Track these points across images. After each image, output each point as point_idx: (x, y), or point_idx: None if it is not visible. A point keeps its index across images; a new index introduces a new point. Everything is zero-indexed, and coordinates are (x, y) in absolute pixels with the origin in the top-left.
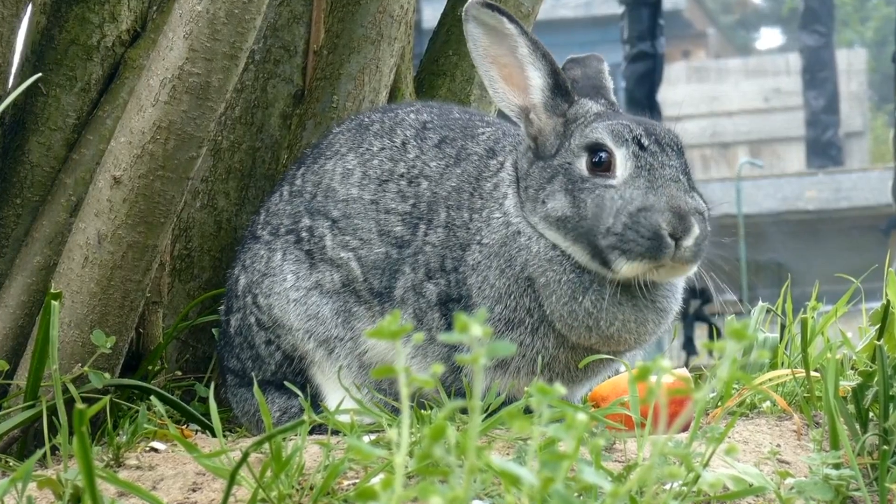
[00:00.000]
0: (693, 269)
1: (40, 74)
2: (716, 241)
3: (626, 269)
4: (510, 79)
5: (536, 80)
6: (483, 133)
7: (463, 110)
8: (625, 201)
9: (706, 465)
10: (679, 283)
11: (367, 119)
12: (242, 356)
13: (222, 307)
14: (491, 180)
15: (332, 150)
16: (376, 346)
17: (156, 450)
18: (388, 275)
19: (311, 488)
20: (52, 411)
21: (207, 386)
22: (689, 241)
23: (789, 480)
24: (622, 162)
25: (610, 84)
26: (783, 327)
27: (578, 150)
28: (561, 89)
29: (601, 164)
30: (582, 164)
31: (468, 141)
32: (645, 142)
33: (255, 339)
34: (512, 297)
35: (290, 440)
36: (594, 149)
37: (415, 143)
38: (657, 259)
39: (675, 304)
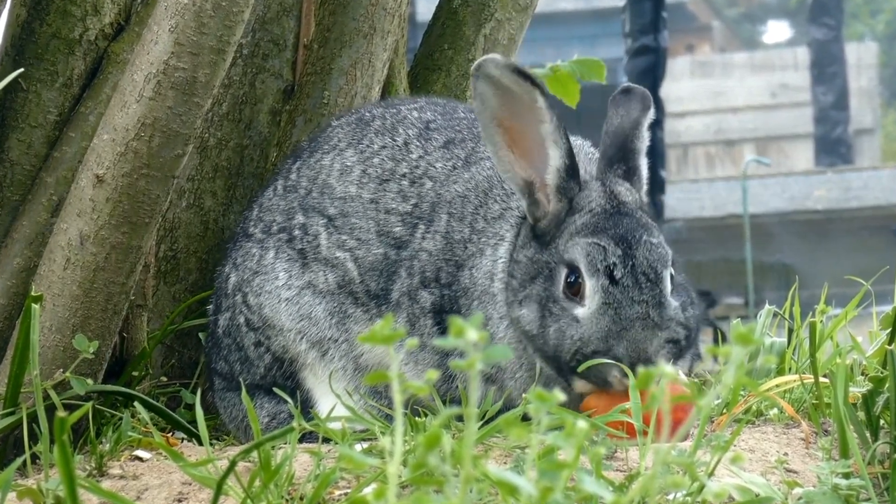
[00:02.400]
0: None
1: (22, 70)
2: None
3: (579, 387)
4: (518, 148)
5: (556, 160)
6: None
7: (469, 109)
8: (583, 343)
9: (711, 474)
10: None
11: (368, 114)
12: (231, 358)
13: (211, 306)
14: (500, 203)
15: (329, 144)
16: (373, 348)
17: (140, 458)
18: (386, 276)
19: (302, 498)
20: (33, 418)
21: (194, 392)
22: None
23: (797, 490)
24: (591, 293)
25: (643, 145)
26: (791, 331)
27: (559, 260)
28: (574, 171)
29: (573, 286)
30: (561, 278)
31: (479, 143)
32: (618, 274)
33: (244, 340)
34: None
35: (280, 448)
36: (570, 268)
37: (418, 144)
38: (606, 390)
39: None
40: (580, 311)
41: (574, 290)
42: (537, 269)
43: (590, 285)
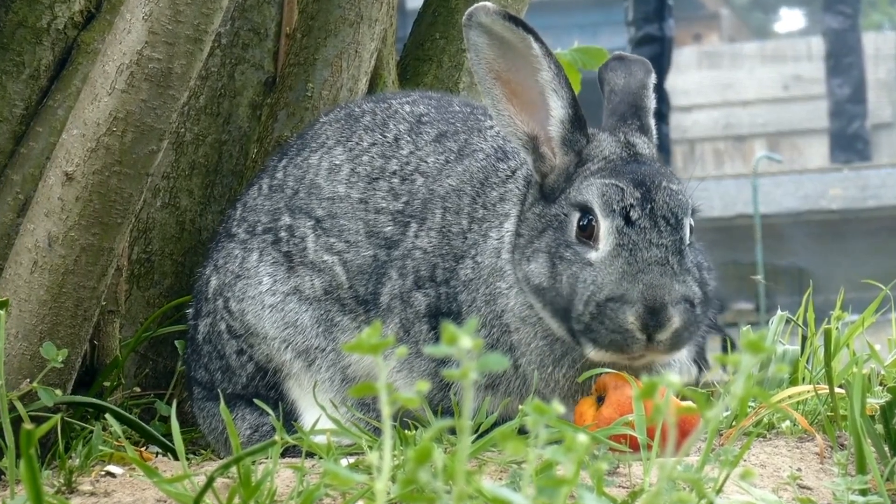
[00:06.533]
0: (677, 356)
1: None
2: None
3: (594, 355)
4: (518, 101)
5: (557, 110)
6: (492, 127)
7: (464, 103)
8: (596, 287)
9: (719, 491)
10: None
11: (357, 109)
12: (211, 366)
13: (190, 310)
14: (498, 189)
15: (317, 141)
16: (362, 358)
17: (112, 474)
18: (375, 279)
19: None
20: None
21: (169, 403)
22: (663, 336)
23: None
24: (605, 234)
25: (651, 104)
26: (804, 339)
27: (571, 206)
28: (580, 122)
29: (586, 229)
30: (573, 224)
31: (473, 135)
32: (634, 215)
33: (225, 347)
34: (493, 331)
35: (261, 463)
36: (583, 210)
37: (409, 139)
38: (625, 352)
39: (672, 370)
40: (593, 255)
41: (587, 234)
42: (546, 222)
43: (604, 226)
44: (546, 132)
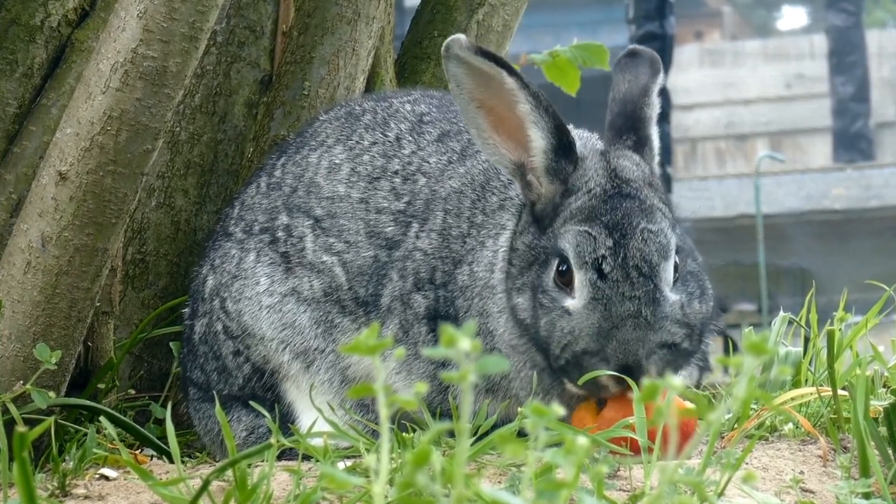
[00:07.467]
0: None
1: None
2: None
3: (571, 388)
4: (503, 129)
5: (538, 140)
6: None
7: None
8: (573, 338)
9: (721, 494)
10: None
11: (358, 108)
12: (207, 367)
13: (186, 310)
14: (498, 194)
15: (317, 139)
16: (361, 360)
17: (106, 477)
18: (376, 280)
19: None
20: None
21: (164, 405)
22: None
23: None
24: (580, 286)
25: (653, 112)
26: (807, 340)
27: (553, 248)
28: (565, 150)
29: (564, 275)
30: (553, 266)
31: None
32: (606, 267)
33: (221, 348)
34: (487, 342)
35: (257, 466)
36: (560, 257)
37: (410, 138)
38: (601, 395)
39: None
40: (570, 303)
41: (565, 280)
42: (534, 255)
43: (578, 278)
44: (530, 162)
